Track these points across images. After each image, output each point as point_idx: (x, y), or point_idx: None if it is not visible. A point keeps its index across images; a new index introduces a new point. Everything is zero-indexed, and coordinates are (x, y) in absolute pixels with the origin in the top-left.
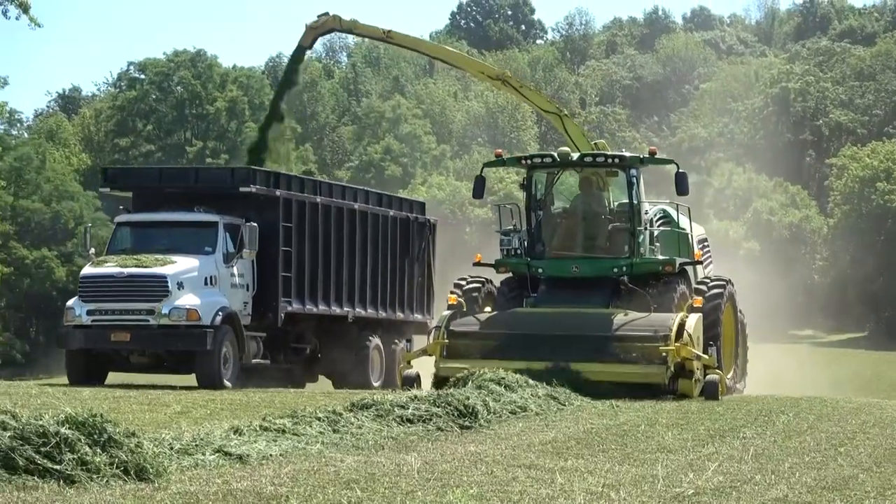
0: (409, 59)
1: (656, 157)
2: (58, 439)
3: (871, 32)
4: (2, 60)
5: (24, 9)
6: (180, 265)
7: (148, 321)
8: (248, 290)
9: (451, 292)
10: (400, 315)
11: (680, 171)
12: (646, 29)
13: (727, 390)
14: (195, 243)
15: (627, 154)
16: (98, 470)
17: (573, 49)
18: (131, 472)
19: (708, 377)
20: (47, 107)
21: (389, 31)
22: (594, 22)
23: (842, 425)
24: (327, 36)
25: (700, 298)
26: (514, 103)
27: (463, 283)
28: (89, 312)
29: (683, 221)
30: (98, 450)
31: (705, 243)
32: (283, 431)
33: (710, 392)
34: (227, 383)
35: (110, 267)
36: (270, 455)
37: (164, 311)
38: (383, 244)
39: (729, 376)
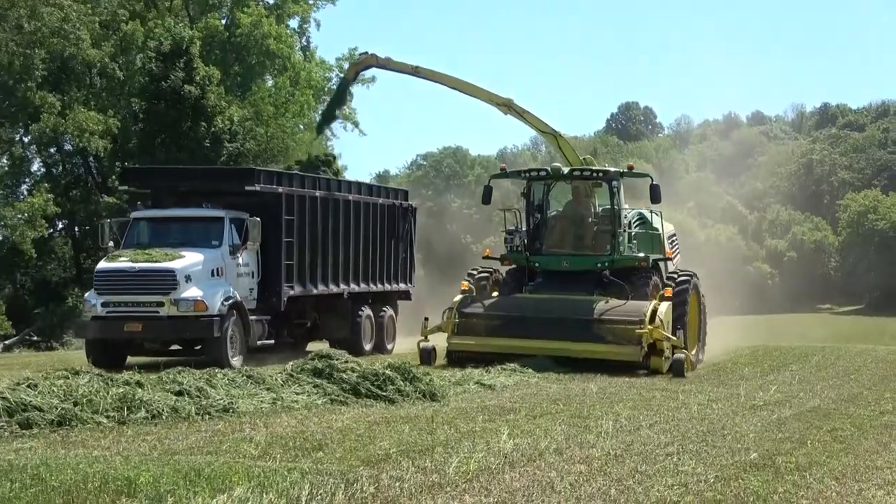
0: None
1: (634, 171)
2: (384, 377)
3: (862, 123)
4: (344, 154)
5: (355, 124)
6: (188, 259)
7: (158, 312)
8: (253, 277)
9: (464, 280)
10: (387, 286)
11: (653, 183)
12: (724, 125)
13: (692, 366)
14: (204, 237)
15: (610, 169)
16: (408, 395)
17: (680, 138)
18: (427, 396)
19: (675, 356)
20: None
21: (417, 67)
22: (693, 122)
23: (852, 362)
24: (368, 71)
25: (670, 289)
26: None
27: (474, 272)
28: (104, 304)
29: (657, 221)
30: (407, 383)
31: (674, 238)
32: (514, 371)
33: (677, 369)
34: (235, 363)
35: (123, 262)
36: (508, 385)
37: (174, 302)
38: (373, 228)
39: (693, 352)
